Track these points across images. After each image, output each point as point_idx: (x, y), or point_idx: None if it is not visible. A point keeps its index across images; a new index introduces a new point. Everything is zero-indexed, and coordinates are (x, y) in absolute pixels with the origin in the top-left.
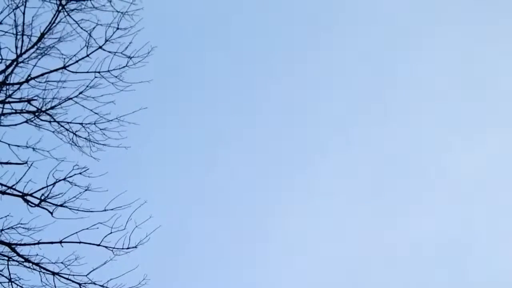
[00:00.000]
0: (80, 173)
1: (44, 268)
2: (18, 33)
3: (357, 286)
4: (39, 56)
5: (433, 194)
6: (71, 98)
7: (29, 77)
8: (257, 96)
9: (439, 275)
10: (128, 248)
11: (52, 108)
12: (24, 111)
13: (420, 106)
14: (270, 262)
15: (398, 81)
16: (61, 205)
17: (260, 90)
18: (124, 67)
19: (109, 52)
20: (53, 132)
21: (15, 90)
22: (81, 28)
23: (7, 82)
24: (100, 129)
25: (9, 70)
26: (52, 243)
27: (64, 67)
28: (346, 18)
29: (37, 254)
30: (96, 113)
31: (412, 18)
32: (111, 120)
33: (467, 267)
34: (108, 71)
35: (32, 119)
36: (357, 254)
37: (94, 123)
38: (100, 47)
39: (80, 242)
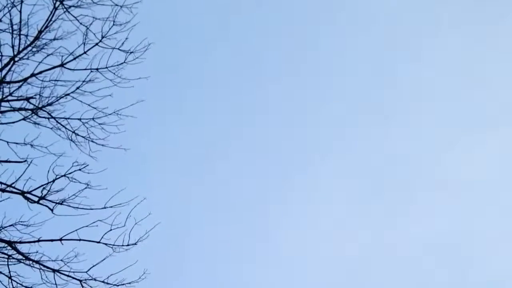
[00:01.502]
0: (80, 170)
1: (44, 265)
2: (15, 31)
3: (357, 286)
4: (37, 54)
5: (433, 194)
6: (68, 94)
7: (28, 76)
8: (257, 95)
9: (439, 275)
10: (128, 245)
11: (49, 104)
12: (22, 108)
13: (420, 106)
14: (270, 262)
15: (398, 81)
16: (60, 203)
17: (259, 89)
18: (122, 63)
19: (106, 47)
20: (51, 128)
21: (15, 89)
22: (80, 22)
23: (5, 80)
24: (99, 124)
25: (7, 68)
26: (52, 240)
27: (62, 65)
28: (346, 18)
29: (37, 252)
30: (94, 108)
31: (412, 18)
32: (109, 114)
33: (467, 267)
34: (106, 67)
35: (30, 116)
36: (357, 254)
37: (93, 118)
38: (97, 44)
39: (80, 240)
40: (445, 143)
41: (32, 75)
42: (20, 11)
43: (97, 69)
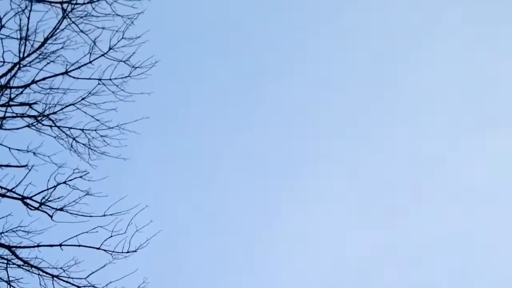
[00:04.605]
0: (81, 177)
1: (44, 271)
2: (22, 38)
3: (357, 286)
4: (42, 61)
5: (434, 195)
6: (72, 104)
7: (32, 81)
8: (257, 97)
9: (439, 276)
10: (127, 252)
11: (54, 113)
12: (25, 115)
13: (421, 107)
14: (270, 265)
15: (398, 81)
16: (60, 209)
17: (260, 90)
18: (126, 77)
19: (112, 59)
20: (54, 137)
21: (18, 94)
22: (85, 33)
23: (9, 85)
24: (101, 136)
25: (12, 73)
26: (51, 246)
27: (66, 73)
28: (347, 19)
29: (36, 257)
30: (97, 120)
31: (412, 19)
32: (112, 128)
33: (467, 267)
34: (110, 79)
35: (34, 124)
36: (357, 254)
37: (95, 130)
38: (104, 55)
39: (79, 246)
40: (446, 144)
41: (35, 81)
42: (29, 18)
43: (100, 79)
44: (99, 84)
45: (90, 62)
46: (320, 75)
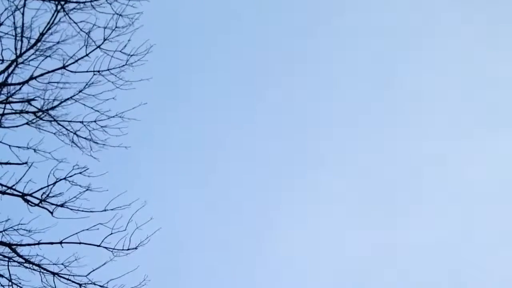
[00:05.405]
0: (80, 173)
1: (44, 269)
2: (17, 34)
3: (357, 286)
4: (39, 57)
5: (433, 194)
6: (71, 97)
7: (30, 78)
8: (257, 96)
9: (439, 276)
10: (128, 249)
11: (52, 108)
12: (24, 111)
13: (420, 107)
14: (270, 266)
15: (398, 81)
16: (61, 205)
17: (260, 89)
18: (123, 65)
19: (108, 50)
20: (54, 133)
21: (16, 91)
22: (80, 28)
23: (7, 82)
24: (101, 127)
25: (9, 70)
26: (52, 243)
27: (64, 67)
28: (347, 19)
29: (37, 255)
30: (96, 111)
31: (412, 19)
32: (112, 117)
33: (467, 267)
34: (108, 70)
35: (33, 121)
36: (357, 254)
37: (95, 121)
38: (99, 47)
39: (80, 243)
40: (446, 144)
41: (33, 77)
42: (23, 14)
43: (99, 71)
44: (94, 74)
45: (87, 55)
46: (320, 75)
